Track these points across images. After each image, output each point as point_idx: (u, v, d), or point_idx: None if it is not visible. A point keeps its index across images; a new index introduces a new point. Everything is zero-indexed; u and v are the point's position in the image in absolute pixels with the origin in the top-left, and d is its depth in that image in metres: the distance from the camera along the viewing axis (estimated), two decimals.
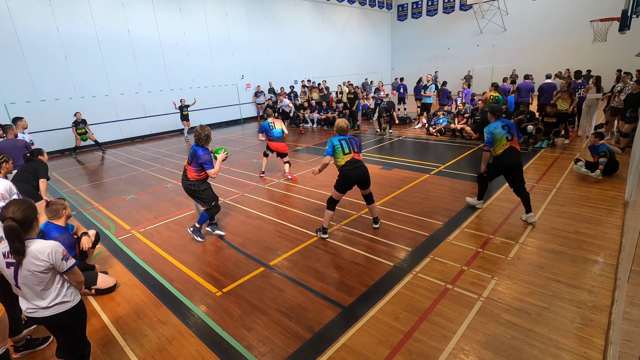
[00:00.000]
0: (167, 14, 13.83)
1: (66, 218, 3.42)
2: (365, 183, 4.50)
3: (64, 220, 3.39)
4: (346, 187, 4.46)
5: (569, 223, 4.68)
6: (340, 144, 4.40)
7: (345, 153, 4.38)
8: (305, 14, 19.55)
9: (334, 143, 4.41)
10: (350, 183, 4.43)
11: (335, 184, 4.50)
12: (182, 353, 2.91)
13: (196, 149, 4.49)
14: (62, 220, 3.38)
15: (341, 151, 4.38)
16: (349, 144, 4.42)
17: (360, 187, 4.58)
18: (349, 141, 4.45)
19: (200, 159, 4.43)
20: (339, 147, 4.39)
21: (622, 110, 7.97)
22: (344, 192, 4.52)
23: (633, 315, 2.15)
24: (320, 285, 3.71)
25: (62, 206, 3.35)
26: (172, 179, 8.07)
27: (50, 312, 2.23)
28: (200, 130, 4.49)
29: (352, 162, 4.38)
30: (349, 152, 4.39)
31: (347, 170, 4.38)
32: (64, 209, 3.35)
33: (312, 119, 14.46)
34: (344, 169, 4.40)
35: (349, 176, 4.38)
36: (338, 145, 4.39)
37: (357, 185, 4.51)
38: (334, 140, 4.43)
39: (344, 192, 4.52)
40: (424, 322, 3.05)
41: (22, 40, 10.64)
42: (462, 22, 22.57)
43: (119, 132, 13.36)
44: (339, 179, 4.47)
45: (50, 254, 2.13)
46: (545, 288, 3.39)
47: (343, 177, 4.42)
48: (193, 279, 4.00)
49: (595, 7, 17.06)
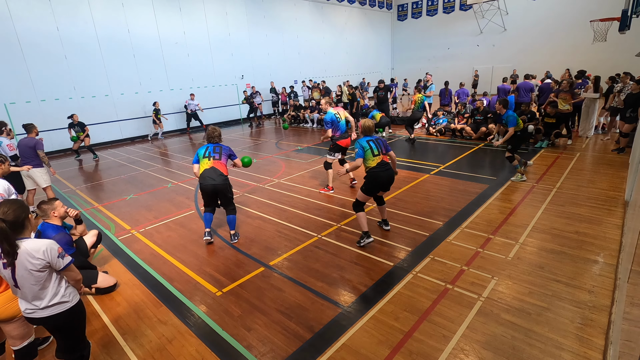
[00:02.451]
0: (167, 14, 13.83)
1: (60, 218, 3.40)
2: (388, 186, 4.38)
3: (56, 220, 3.38)
4: (375, 189, 4.33)
5: (569, 223, 4.68)
6: (369, 145, 4.25)
7: (375, 155, 4.23)
8: (305, 14, 19.55)
9: (362, 145, 4.25)
10: (379, 185, 4.30)
11: (363, 187, 4.33)
12: (182, 353, 2.91)
13: (219, 145, 4.64)
14: (56, 220, 3.37)
15: (371, 153, 4.23)
16: (377, 145, 4.29)
17: (383, 190, 4.43)
18: (377, 142, 4.31)
19: (229, 150, 4.66)
20: (368, 149, 4.23)
21: (622, 110, 7.97)
22: (372, 195, 4.40)
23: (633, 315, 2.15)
24: (320, 285, 3.71)
25: (50, 207, 3.33)
26: (172, 179, 8.07)
27: (49, 312, 2.23)
28: (213, 130, 4.71)
29: (382, 164, 4.25)
30: (378, 153, 4.25)
31: (377, 172, 4.22)
32: (52, 210, 3.33)
33: (312, 119, 14.46)
34: (374, 171, 4.23)
35: (379, 178, 4.23)
36: (367, 147, 4.24)
37: (382, 189, 4.38)
38: (363, 142, 4.27)
39: (372, 195, 4.40)
40: (424, 322, 3.05)
41: (22, 40, 10.65)
42: (462, 22, 22.57)
43: (119, 132, 13.36)
44: (367, 181, 4.30)
45: (46, 252, 2.13)
46: (545, 288, 3.39)
47: (373, 179, 4.25)
48: (193, 279, 4.00)
49: (595, 7, 17.06)
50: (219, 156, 4.56)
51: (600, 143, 8.86)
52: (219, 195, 4.59)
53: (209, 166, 4.47)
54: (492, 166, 7.61)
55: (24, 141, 5.92)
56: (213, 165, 4.48)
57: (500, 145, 6.27)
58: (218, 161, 4.53)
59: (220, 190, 4.50)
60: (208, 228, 4.70)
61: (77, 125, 10.46)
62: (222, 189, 4.50)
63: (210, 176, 4.43)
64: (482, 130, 9.69)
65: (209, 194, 4.54)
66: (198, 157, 4.62)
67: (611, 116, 9.15)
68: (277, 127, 15.33)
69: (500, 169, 7.20)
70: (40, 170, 6.01)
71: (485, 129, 9.62)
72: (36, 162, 5.92)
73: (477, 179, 6.69)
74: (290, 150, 10.26)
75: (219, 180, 4.43)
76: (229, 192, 4.63)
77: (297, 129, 14.16)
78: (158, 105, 13.27)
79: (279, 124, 15.97)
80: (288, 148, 10.64)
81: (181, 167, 9.12)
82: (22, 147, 5.90)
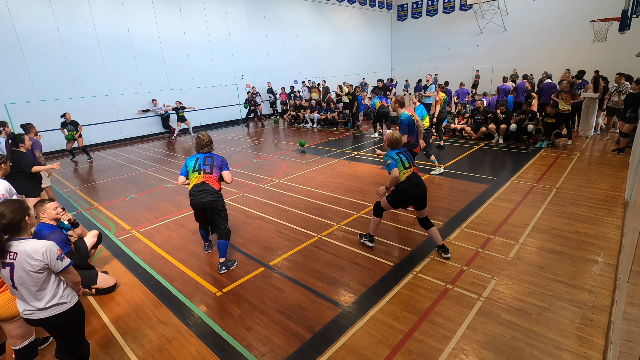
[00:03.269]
0: (167, 14, 13.83)
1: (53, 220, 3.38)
2: (423, 202, 4.01)
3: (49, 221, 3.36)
4: (403, 204, 4.11)
5: (569, 223, 4.68)
6: (400, 158, 3.98)
7: (406, 167, 3.97)
8: (305, 14, 19.55)
9: (393, 157, 3.97)
10: (408, 201, 4.05)
11: (390, 199, 4.07)
12: (182, 353, 2.91)
13: (210, 155, 4.09)
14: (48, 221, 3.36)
15: (402, 166, 3.95)
16: (407, 157, 4.05)
17: (416, 207, 4.06)
18: (406, 154, 4.08)
19: (221, 161, 4.09)
20: (399, 161, 3.95)
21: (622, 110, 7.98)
22: (398, 207, 4.19)
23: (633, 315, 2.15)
24: (320, 285, 3.71)
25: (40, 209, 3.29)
26: (172, 179, 8.07)
27: (47, 313, 2.22)
28: (202, 136, 4.14)
29: (412, 177, 3.98)
30: (409, 166, 4.00)
31: (407, 188, 3.95)
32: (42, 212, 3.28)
33: (312, 119, 14.46)
34: (404, 187, 3.96)
35: (408, 194, 3.96)
36: (398, 160, 3.96)
37: (413, 205, 4.06)
38: (393, 155, 3.99)
39: (398, 207, 4.19)
40: (424, 322, 3.05)
41: (22, 40, 10.64)
42: (462, 22, 22.56)
43: (119, 132, 13.36)
44: (395, 195, 4.03)
45: (45, 254, 2.12)
46: (545, 288, 3.39)
47: (402, 194, 3.99)
48: (193, 279, 4.00)
49: (595, 7, 17.05)
50: (211, 169, 4.01)
51: (600, 143, 8.86)
52: (210, 214, 4.08)
53: (199, 181, 3.98)
54: (492, 166, 7.61)
55: None
56: (204, 180, 3.97)
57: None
58: (209, 175, 3.99)
59: (210, 208, 4.01)
60: (207, 242, 4.59)
61: (70, 124, 10.29)
62: (214, 207, 4.00)
63: (200, 192, 3.95)
64: (482, 130, 9.69)
65: (199, 212, 4.14)
66: (187, 169, 4.08)
67: (608, 116, 9.16)
68: (277, 127, 15.33)
69: (501, 169, 7.20)
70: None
71: (486, 129, 9.63)
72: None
73: (477, 179, 6.69)
74: (290, 150, 10.26)
75: (209, 198, 3.95)
76: (222, 211, 4.08)
77: (297, 129, 14.16)
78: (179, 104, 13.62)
79: (278, 124, 15.97)
80: (288, 148, 10.64)
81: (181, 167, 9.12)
82: None
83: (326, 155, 9.31)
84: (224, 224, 4.11)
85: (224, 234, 4.11)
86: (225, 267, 4.12)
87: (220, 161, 4.10)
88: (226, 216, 4.15)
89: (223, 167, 4.10)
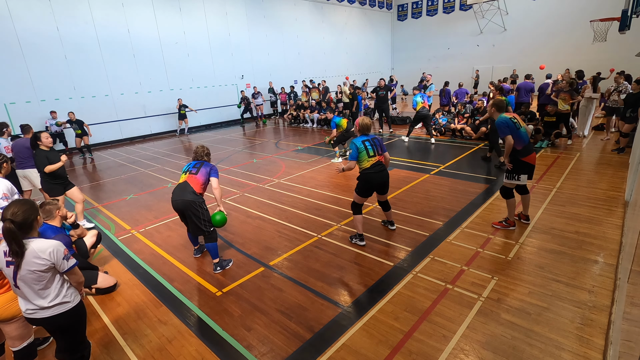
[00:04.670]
0: (167, 14, 13.83)
1: (61, 218, 3.40)
2: (384, 188, 4.32)
3: (58, 220, 3.37)
4: (368, 191, 4.25)
5: (569, 223, 4.68)
6: (365, 146, 4.13)
7: (370, 156, 4.13)
8: (305, 14, 19.55)
9: (357, 146, 4.14)
10: (371, 188, 4.24)
11: (357, 188, 4.29)
12: (182, 353, 2.91)
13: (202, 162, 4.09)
14: (56, 221, 3.36)
15: (366, 154, 4.13)
16: (373, 145, 4.18)
17: (378, 192, 4.39)
18: (373, 142, 4.20)
19: (211, 167, 4.04)
20: (363, 150, 4.13)
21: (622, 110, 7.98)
22: (367, 196, 4.30)
23: (633, 315, 2.15)
24: (320, 285, 3.71)
25: (55, 207, 3.33)
26: (172, 179, 8.07)
27: (50, 312, 2.23)
28: (200, 148, 4.16)
29: (376, 164, 4.15)
30: (374, 154, 4.14)
31: (370, 175, 4.15)
32: (57, 209, 3.33)
33: (312, 119, 14.47)
34: (367, 173, 4.16)
35: (370, 181, 4.17)
36: (362, 148, 4.13)
37: (376, 190, 4.33)
38: (357, 143, 4.15)
39: (367, 196, 4.30)
40: (424, 322, 3.05)
41: (22, 40, 10.64)
42: (462, 22, 22.57)
43: (119, 132, 13.36)
44: (360, 183, 4.25)
45: (52, 253, 2.13)
46: (545, 288, 3.39)
47: (365, 181, 4.19)
48: (193, 279, 4.00)
49: (595, 7, 17.06)
50: (197, 171, 3.95)
51: (600, 143, 8.86)
52: (187, 218, 3.92)
53: (182, 181, 3.94)
54: (492, 166, 7.61)
55: (21, 142, 5.87)
56: (187, 179, 3.91)
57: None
58: (193, 176, 3.91)
59: (186, 209, 3.82)
60: (196, 246, 4.47)
61: (75, 123, 10.66)
62: (188, 207, 3.80)
63: (177, 191, 3.86)
64: (482, 130, 9.69)
65: (179, 213, 4.03)
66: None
67: (608, 116, 9.16)
68: (276, 127, 15.33)
69: (501, 169, 7.20)
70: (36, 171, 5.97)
71: (486, 129, 9.62)
72: (32, 162, 5.86)
73: (477, 179, 6.69)
74: (290, 150, 10.26)
75: (186, 197, 3.79)
76: (200, 215, 3.85)
77: (297, 129, 14.16)
78: (181, 101, 13.72)
79: (277, 124, 15.98)
80: (288, 148, 10.64)
81: (181, 167, 9.12)
82: (19, 147, 5.82)
83: (326, 155, 9.31)
84: (207, 227, 3.92)
85: (209, 236, 3.97)
86: (220, 267, 4.09)
87: (209, 167, 4.04)
88: (207, 218, 3.93)
89: (212, 173, 4.00)
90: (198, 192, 3.87)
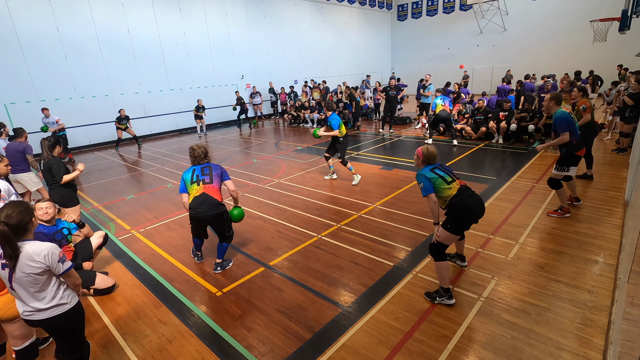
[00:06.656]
0: (167, 14, 13.83)
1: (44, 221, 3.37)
2: (481, 215, 3.31)
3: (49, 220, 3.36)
4: (467, 222, 3.27)
5: (569, 223, 4.68)
6: (437, 175, 3.27)
7: (450, 181, 3.25)
8: (305, 14, 19.55)
9: (428, 176, 3.25)
10: (470, 219, 3.26)
11: (448, 225, 3.20)
12: (182, 353, 2.91)
13: (207, 165, 3.91)
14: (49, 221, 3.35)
15: (443, 181, 3.24)
16: (444, 170, 3.35)
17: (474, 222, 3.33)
18: (443, 168, 3.39)
19: (220, 169, 3.91)
20: (437, 178, 3.25)
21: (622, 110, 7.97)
22: (462, 232, 3.35)
23: (633, 315, 2.15)
24: (320, 285, 3.71)
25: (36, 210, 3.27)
26: (172, 179, 8.07)
27: (47, 314, 2.22)
28: (197, 148, 3.95)
29: (464, 189, 3.28)
30: (452, 179, 3.28)
31: (464, 201, 3.18)
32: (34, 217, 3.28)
33: (312, 119, 14.47)
34: (458, 200, 3.19)
35: (467, 207, 3.18)
36: (435, 176, 3.25)
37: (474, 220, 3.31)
38: (426, 173, 3.28)
39: (462, 232, 3.35)
40: (424, 322, 3.05)
41: (22, 40, 10.64)
42: (462, 22, 22.57)
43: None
44: (454, 216, 3.20)
45: (47, 256, 2.12)
46: (545, 288, 3.39)
47: (461, 210, 3.18)
48: (193, 279, 4.00)
49: (595, 7, 17.06)
50: (210, 179, 3.79)
51: (600, 143, 8.86)
52: (214, 227, 3.96)
53: (199, 193, 3.74)
54: (492, 166, 7.61)
55: (13, 145, 5.79)
56: (204, 191, 3.74)
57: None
58: (210, 185, 3.77)
59: (217, 219, 3.83)
60: (199, 252, 4.34)
61: (123, 119, 11.91)
62: (219, 218, 3.82)
63: (202, 205, 3.71)
64: (482, 130, 9.69)
65: (201, 225, 3.96)
66: (185, 184, 3.83)
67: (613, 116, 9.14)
68: (276, 127, 15.33)
69: (501, 169, 7.20)
70: (29, 175, 5.90)
71: (486, 129, 9.63)
72: (24, 166, 5.81)
73: (477, 179, 6.69)
74: (290, 151, 10.26)
75: (213, 211, 3.74)
76: (226, 221, 3.93)
77: (297, 129, 14.16)
78: (201, 102, 13.86)
79: (277, 124, 15.97)
80: (288, 148, 10.64)
81: (181, 167, 9.12)
82: (11, 151, 5.73)
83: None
84: (230, 229, 4.05)
85: (229, 237, 4.06)
86: (220, 267, 4.11)
87: (219, 170, 3.91)
88: (230, 223, 4.04)
89: (224, 176, 3.92)
90: (220, 201, 3.84)
